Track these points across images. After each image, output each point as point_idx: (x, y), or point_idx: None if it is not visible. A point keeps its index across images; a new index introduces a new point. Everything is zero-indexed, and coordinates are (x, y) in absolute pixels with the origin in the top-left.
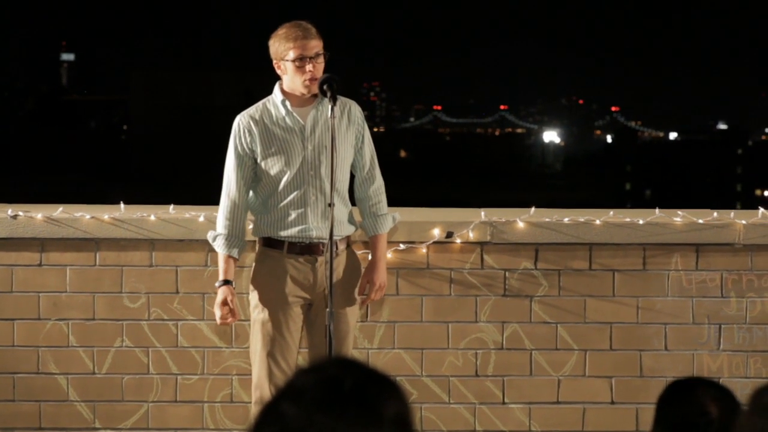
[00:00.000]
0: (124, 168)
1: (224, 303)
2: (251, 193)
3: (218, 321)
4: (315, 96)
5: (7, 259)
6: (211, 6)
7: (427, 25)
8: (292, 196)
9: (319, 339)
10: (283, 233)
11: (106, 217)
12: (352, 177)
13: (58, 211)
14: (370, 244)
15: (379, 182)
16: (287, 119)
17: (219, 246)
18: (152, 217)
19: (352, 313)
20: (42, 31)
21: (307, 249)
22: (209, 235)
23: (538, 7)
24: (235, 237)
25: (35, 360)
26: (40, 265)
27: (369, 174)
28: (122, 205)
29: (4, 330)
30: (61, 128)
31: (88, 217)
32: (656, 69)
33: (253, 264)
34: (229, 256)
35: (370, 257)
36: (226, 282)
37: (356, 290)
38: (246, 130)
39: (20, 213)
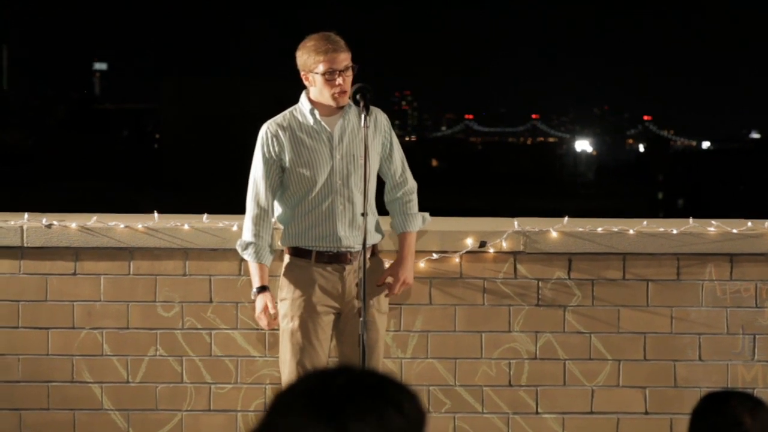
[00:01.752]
0: (157, 176)
1: (266, 310)
2: (277, 202)
3: (266, 328)
4: (342, 105)
5: (42, 268)
6: (241, 15)
7: (459, 34)
8: (320, 206)
9: (350, 348)
10: (311, 242)
11: (140, 226)
12: (379, 184)
13: (93, 220)
14: (399, 241)
15: (411, 184)
16: (315, 128)
17: (250, 255)
18: (186, 227)
19: (381, 321)
20: (74, 40)
21: (335, 258)
22: (238, 245)
23: (570, 16)
24: (266, 245)
25: (69, 369)
26: (74, 274)
27: (402, 178)
28: (156, 214)
29: (39, 339)
30: (93, 136)
31: (122, 226)
32: (689, 78)
33: (281, 273)
34: (262, 264)
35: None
36: (264, 288)
37: (384, 297)
38: (274, 138)
39: (55, 222)
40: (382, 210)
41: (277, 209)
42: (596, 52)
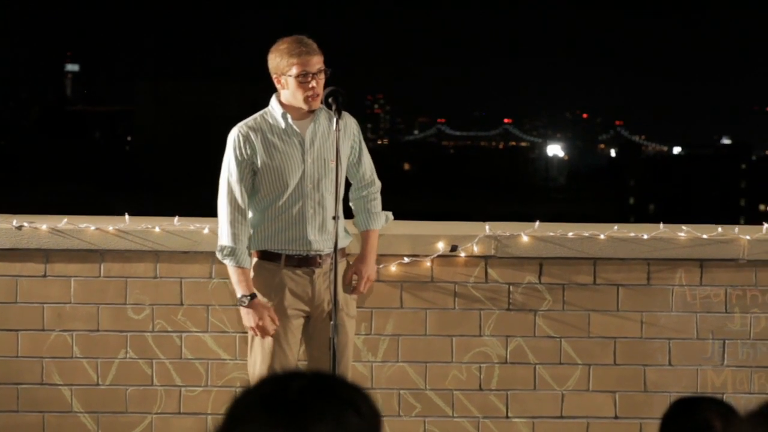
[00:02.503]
0: (129, 179)
1: (264, 319)
2: None
3: (264, 336)
4: (314, 109)
5: (12, 270)
6: (216, 17)
7: (432, 37)
8: (290, 209)
9: (319, 351)
10: (281, 246)
11: (110, 228)
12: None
13: (63, 222)
14: (362, 238)
15: (378, 184)
16: (287, 131)
17: (232, 260)
18: (157, 229)
19: (350, 325)
20: (47, 41)
21: (305, 261)
22: (218, 250)
23: (542, 20)
24: (245, 248)
25: (39, 371)
26: (44, 276)
27: (370, 179)
28: (127, 216)
29: (8, 341)
30: (65, 139)
31: (92, 228)
32: (660, 83)
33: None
34: (244, 269)
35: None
36: (254, 296)
37: (352, 301)
38: (245, 141)
39: (25, 224)
40: (345, 210)
41: None
42: (569, 57)
